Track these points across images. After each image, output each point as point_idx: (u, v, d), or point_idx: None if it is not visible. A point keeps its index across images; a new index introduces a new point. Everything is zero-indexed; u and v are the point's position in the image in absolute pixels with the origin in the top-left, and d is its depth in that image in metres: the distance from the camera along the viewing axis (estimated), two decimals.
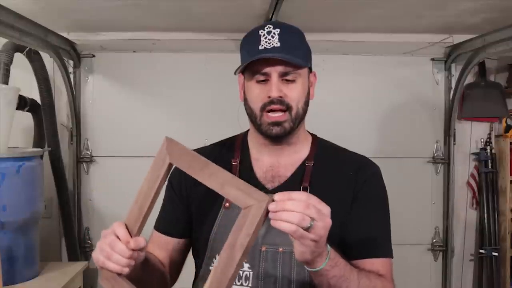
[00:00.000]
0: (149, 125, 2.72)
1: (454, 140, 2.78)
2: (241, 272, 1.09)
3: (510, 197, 2.80)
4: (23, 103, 2.27)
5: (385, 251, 1.15)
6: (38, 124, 2.43)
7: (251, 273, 1.09)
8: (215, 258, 1.13)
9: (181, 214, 1.21)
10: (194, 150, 1.33)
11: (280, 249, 1.08)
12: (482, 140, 2.87)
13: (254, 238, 0.81)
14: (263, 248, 1.09)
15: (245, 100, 1.16)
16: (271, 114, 1.10)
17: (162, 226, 1.24)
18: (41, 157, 2.19)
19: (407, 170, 2.77)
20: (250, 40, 1.13)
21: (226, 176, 0.86)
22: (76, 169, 2.70)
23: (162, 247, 1.22)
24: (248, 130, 1.26)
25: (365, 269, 1.09)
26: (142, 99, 2.73)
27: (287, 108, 1.10)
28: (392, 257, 1.16)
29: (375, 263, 1.11)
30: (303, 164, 1.17)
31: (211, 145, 1.29)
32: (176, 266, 1.25)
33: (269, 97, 1.09)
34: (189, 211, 1.20)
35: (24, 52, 2.23)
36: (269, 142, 1.17)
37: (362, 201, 1.14)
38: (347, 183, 1.15)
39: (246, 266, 1.09)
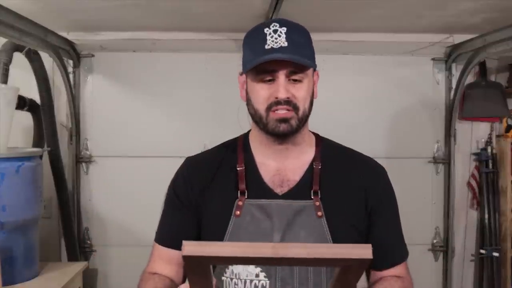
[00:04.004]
0: (149, 125, 2.72)
1: (455, 140, 2.78)
2: (257, 282, 1.07)
3: (511, 197, 2.80)
4: (22, 103, 2.27)
5: (403, 255, 1.19)
6: (37, 124, 2.43)
7: (268, 282, 1.07)
8: (228, 268, 1.10)
9: (190, 224, 1.15)
10: (194, 155, 1.25)
11: None
12: (482, 140, 2.86)
13: None
14: None
15: (248, 100, 1.12)
16: (278, 112, 1.06)
17: (169, 240, 1.16)
18: (41, 157, 2.18)
19: (408, 170, 2.76)
20: (255, 39, 1.08)
21: None
22: (75, 169, 2.69)
23: (171, 261, 1.16)
24: (249, 131, 1.21)
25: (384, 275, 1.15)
26: (142, 99, 2.72)
27: (294, 109, 1.07)
28: (408, 255, 1.20)
29: (396, 269, 1.17)
30: (310, 166, 1.14)
31: (212, 149, 1.24)
32: (185, 278, 1.21)
33: (276, 98, 1.05)
34: (198, 220, 1.16)
35: (24, 52, 2.22)
36: (275, 142, 1.13)
37: (381, 212, 1.15)
38: (358, 185, 1.14)
39: (262, 275, 1.07)
